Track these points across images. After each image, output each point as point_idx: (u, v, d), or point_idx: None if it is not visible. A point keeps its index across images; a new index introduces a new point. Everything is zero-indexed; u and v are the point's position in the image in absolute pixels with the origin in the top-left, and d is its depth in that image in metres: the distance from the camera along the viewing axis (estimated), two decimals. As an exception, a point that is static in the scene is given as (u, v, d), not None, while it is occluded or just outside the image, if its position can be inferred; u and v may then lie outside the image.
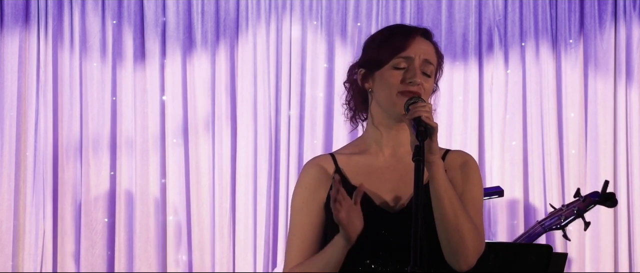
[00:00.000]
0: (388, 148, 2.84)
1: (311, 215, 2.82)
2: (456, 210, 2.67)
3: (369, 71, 2.83)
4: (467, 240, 2.68)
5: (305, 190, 2.84)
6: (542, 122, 6.03)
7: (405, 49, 2.78)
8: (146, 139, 6.06)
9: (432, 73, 2.81)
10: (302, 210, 2.83)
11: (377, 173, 2.81)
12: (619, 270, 5.99)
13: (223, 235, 6.01)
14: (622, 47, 6.06)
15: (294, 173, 6.02)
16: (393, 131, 2.82)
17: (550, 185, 5.99)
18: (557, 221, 4.78)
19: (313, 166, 2.87)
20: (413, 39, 2.80)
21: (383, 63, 2.79)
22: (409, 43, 2.79)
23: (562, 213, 4.79)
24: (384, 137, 2.83)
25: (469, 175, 2.81)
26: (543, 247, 4.29)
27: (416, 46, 2.79)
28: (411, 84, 2.75)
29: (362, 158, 2.85)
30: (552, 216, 4.81)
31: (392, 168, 2.81)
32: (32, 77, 6.05)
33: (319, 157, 2.93)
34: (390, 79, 2.77)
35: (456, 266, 2.71)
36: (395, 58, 2.78)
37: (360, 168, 2.83)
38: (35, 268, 5.97)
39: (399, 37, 2.81)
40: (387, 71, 2.78)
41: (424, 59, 2.78)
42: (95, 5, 6.08)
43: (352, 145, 2.91)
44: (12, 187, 6.00)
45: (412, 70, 2.77)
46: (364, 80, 2.84)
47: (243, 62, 6.08)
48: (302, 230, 2.82)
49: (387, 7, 6.09)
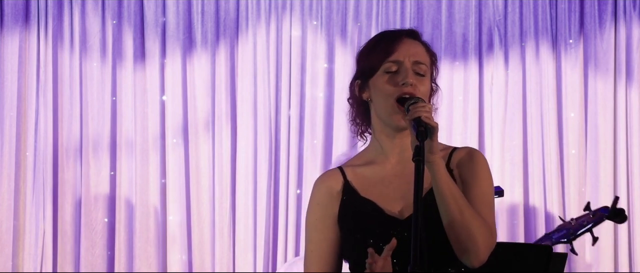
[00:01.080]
0: (393, 155, 2.84)
1: (326, 231, 2.85)
2: (461, 207, 2.67)
3: (364, 81, 2.84)
4: (475, 237, 2.68)
5: (318, 206, 2.86)
6: (542, 122, 6.03)
7: (393, 52, 2.79)
8: (146, 139, 6.06)
9: (425, 72, 2.81)
10: (317, 227, 2.86)
11: (385, 183, 2.82)
12: (619, 270, 5.99)
13: (223, 235, 6.01)
14: (622, 47, 6.06)
15: (294, 173, 6.02)
16: (396, 139, 2.82)
17: (550, 185, 5.99)
18: (565, 234, 4.76)
19: (323, 181, 2.89)
20: (399, 42, 2.81)
21: (374, 70, 2.80)
22: (395, 46, 2.80)
23: (571, 227, 4.77)
24: (387, 146, 2.84)
25: (476, 170, 2.80)
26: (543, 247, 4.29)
27: (404, 48, 2.80)
28: (404, 85, 2.76)
29: (369, 169, 2.86)
30: (561, 229, 4.79)
31: (399, 175, 2.81)
32: (32, 77, 6.05)
33: (328, 172, 2.94)
34: (383, 85, 2.78)
35: (468, 263, 2.71)
36: (385, 63, 2.79)
37: (368, 180, 2.84)
38: (35, 268, 5.97)
39: (386, 42, 2.82)
40: (379, 77, 2.80)
41: (413, 61, 2.79)
42: (95, 5, 6.08)
43: (359, 156, 2.92)
44: (12, 187, 6.00)
45: (403, 72, 2.77)
46: (361, 91, 2.86)
47: (243, 62, 6.08)
48: (318, 247, 2.85)
49: (387, 7, 6.09)
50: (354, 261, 2.81)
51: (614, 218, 4.77)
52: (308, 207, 2.89)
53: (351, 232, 2.79)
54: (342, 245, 2.82)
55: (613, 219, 4.78)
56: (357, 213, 2.80)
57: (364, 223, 2.78)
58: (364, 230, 2.76)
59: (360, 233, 2.77)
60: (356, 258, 2.78)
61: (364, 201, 2.79)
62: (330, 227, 2.84)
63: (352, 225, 2.80)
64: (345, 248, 2.81)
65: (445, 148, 2.86)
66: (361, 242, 2.75)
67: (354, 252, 2.78)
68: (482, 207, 2.74)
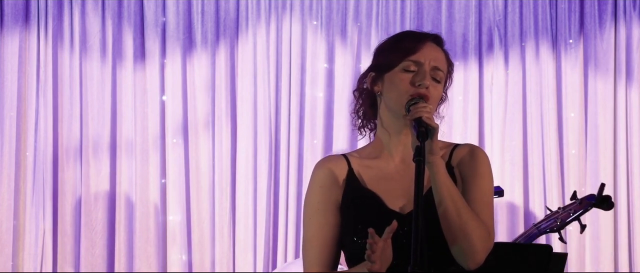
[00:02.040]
0: (397, 154, 2.84)
1: (328, 214, 2.81)
2: (459, 208, 2.67)
3: (378, 74, 2.83)
4: (473, 238, 2.67)
5: (321, 189, 2.82)
6: (542, 122, 6.03)
7: (415, 53, 2.79)
8: (146, 139, 6.06)
9: (441, 79, 2.81)
10: (319, 210, 2.82)
11: (388, 179, 2.81)
12: (619, 270, 5.99)
13: (223, 235, 6.01)
14: (622, 47, 6.06)
15: (294, 173, 6.02)
16: (402, 135, 2.82)
17: (550, 185, 5.99)
18: (553, 223, 4.77)
19: (326, 164, 2.86)
20: (424, 44, 2.81)
21: (393, 66, 2.80)
22: (419, 47, 2.80)
23: (559, 216, 4.78)
24: (393, 142, 2.83)
25: (477, 168, 2.80)
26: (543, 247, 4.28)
27: (426, 51, 2.80)
28: (420, 86, 2.76)
29: (374, 163, 2.85)
30: (549, 218, 4.80)
31: (402, 173, 2.80)
32: (32, 77, 6.05)
33: (331, 156, 2.92)
34: (400, 81, 2.78)
35: (464, 264, 2.70)
36: (405, 61, 2.79)
37: (372, 173, 2.83)
38: (35, 268, 5.97)
39: (410, 40, 2.82)
40: (397, 74, 2.79)
41: (433, 66, 2.79)
42: (95, 5, 6.08)
43: (364, 149, 2.91)
44: (12, 187, 6.00)
45: (421, 73, 2.78)
46: (373, 84, 2.85)
47: (243, 62, 6.08)
48: (320, 231, 2.81)
49: (387, 7, 6.09)
50: (351, 251, 2.80)
51: (601, 205, 4.77)
52: (308, 190, 2.85)
53: (352, 222, 2.78)
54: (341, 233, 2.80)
55: (600, 206, 4.78)
56: (359, 204, 2.79)
57: (365, 214, 2.77)
58: (365, 221, 2.75)
59: (361, 223, 2.76)
60: (353, 249, 2.77)
61: (368, 192, 2.79)
62: (332, 212, 2.81)
63: (353, 215, 2.79)
64: (343, 237, 2.79)
65: (447, 145, 2.86)
66: (361, 232, 2.74)
67: (353, 241, 2.77)
68: (481, 208, 2.74)
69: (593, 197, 4.78)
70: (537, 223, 4.82)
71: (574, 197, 4.80)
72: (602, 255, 5.99)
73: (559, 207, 4.87)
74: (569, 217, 4.75)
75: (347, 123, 6.04)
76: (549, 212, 4.86)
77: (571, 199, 4.81)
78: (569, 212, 4.77)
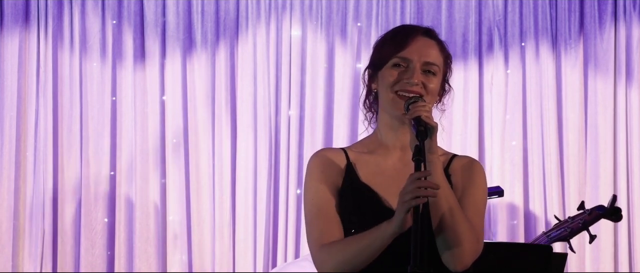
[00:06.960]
0: (395, 151, 2.84)
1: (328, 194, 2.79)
2: (452, 208, 2.67)
3: (373, 71, 2.84)
4: (462, 240, 2.67)
5: (322, 174, 2.80)
6: (542, 122, 6.04)
7: (403, 49, 2.78)
8: (146, 139, 6.06)
9: (437, 72, 2.80)
10: (319, 189, 2.79)
11: (385, 175, 2.81)
12: (619, 270, 5.99)
13: (223, 235, 6.01)
14: (622, 47, 6.06)
15: (294, 173, 6.02)
16: (399, 133, 2.82)
17: (550, 185, 6.00)
18: (563, 233, 4.78)
19: (325, 154, 2.86)
20: (413, 39, 2.80)
21: (383, 62, 2.80)
22: (407, 43, 2.79)
23: (568, 226, 4.79)
24: (390, 139, 2.84)
25: (473, 178, 2.80)
26: (543, 247, 4.29)
27: (415, 46, 2.79)
28: (408, 84, 2.75)
29: (371, 158, 2.85)
30: (558, 228, 4.81)
31: (399, 171, 2.80)
32: (32, 77, 6.05)
33: (329, 148, 2.93)
34: (389, 77, 2.78)
35: (451, 265, 2.69)
36: (394, 57, 2.79)
37: (369, 167, 2.83)
38: (35, 268, 5.97)
39: (400, 37, 2.82)
40: (387, 70, 2.79)
41: (424, 61, 2.78)
42: (95, 5, 6.09)
43: (362, 144, 2.91)
44: (12, 187, 6.01)
45: (409, 70, 2.77)
46: (370, 81, 2.86)
47: (243, 62, 6.09)
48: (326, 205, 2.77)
49: (387, 7, 6.10)
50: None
51: (610, 216, 4.78)
52: (307, 176, 2.82)
53: (347, 212, 2.78)
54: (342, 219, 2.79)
55: (609, 217, 4.79)
56: (356, 197, 2.78)
57: (361, 208, 2.77)
58: (360, 213, 2.75)
59: (355, 215, 2.76)
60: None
61: (364, 186, 2.78)
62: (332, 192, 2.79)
63: (350, 205, 2.78)
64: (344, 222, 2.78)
65: (446, 153, 2.86)
66: (356, 224, 2.74)
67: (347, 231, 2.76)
68: (473, 214, 2.74)
69: (602, 207, 4.78)
70: (547, 232, 4.82)
71: (582, 207, 4.80)
72: (602, 255, 5.99)
73: (567, 217, 4.88)
74: (579, 226, 4.76)
75: (347, 123, 6.04)
76: (557, 222, 4.86)
77: (578, 209, 4.81)
78: (578, 222, 4.77)
